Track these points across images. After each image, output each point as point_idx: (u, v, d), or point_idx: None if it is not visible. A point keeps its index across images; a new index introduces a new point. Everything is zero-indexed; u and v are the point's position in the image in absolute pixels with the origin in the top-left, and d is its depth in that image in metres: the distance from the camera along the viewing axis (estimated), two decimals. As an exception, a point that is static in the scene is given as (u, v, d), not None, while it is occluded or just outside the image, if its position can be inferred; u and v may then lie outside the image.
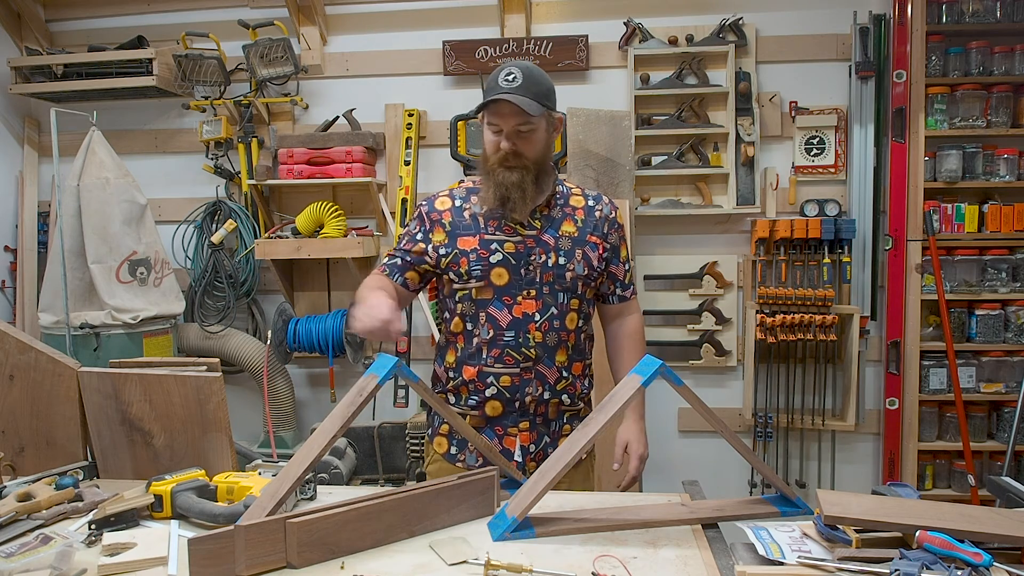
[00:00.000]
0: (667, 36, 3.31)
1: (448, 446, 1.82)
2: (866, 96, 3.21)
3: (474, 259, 1.71)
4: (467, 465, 1.78)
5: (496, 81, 1.65)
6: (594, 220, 1.78)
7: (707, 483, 1.72)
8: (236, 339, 3.45)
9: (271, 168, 3.41)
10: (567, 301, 1.73)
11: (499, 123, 1.67)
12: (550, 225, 1.74)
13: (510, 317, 1.71)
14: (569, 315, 1.74)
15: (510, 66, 1.66)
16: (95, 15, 3.71)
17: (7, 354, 1.70)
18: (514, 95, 1.62)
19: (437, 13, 3.48)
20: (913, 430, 3.19)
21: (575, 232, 1.75)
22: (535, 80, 1.66)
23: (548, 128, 1.73)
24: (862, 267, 3.25)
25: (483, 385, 1.73)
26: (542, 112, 1.67)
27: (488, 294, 1.72)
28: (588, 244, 1.75)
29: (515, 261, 1.71)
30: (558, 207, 1.77)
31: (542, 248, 1.72)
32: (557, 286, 1.72)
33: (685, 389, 1.40)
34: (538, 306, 1.71)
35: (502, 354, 1.71)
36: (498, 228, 1.73)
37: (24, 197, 3.74)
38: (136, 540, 1.31)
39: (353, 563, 1.24)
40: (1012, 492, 1.52)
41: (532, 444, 1.75)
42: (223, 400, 1.65)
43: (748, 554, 1.27)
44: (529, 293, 1.71)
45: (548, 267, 1.72)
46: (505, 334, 1.71)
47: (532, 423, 1.75)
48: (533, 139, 1.69)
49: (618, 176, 3.10)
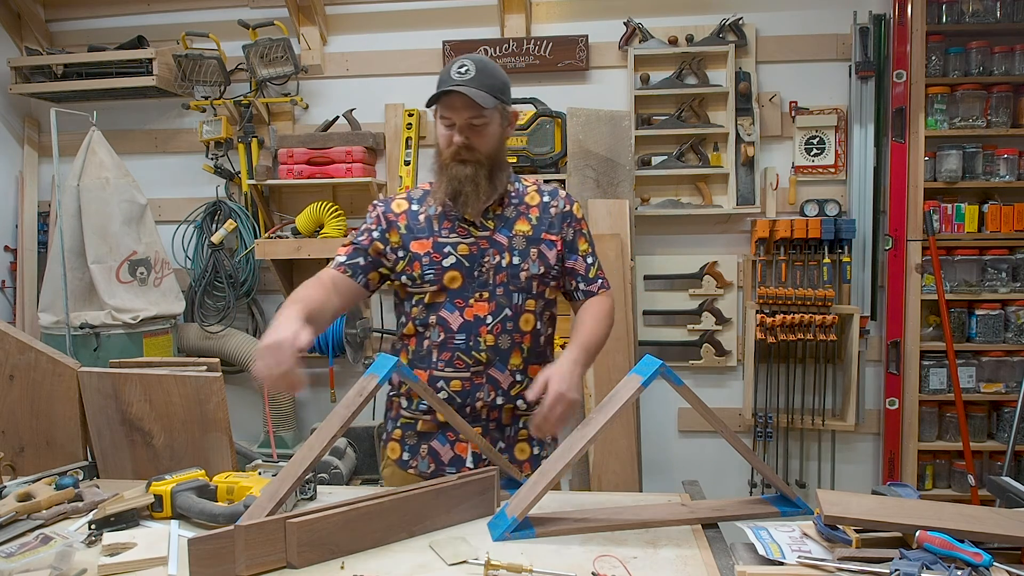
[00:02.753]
0: (667, 36, 3.31)
1: (400, 452, 1.77)
2: (866, 96, 3.21)
3: (427, 263, 1.67)
4: (419, 472, 1.73)
5: (449, 74, 1.61)
6: (549, 217, 1.73)
7: (707, 483, 1.72)
8: (236, 339, 3.45)
9: (271, 168, 3.41)
10: (522, 302, 1.68)
11: (451, 116, 1.62)
12: (503, 224, 1.70)
13: (461, 320, 1.66)
14: (524, 316, 1.69)
15: (463, 59, 1.62)
16: (95, 15, 3.71)
17: (7, 354, 1.70)
18: (466, 87, 1.57)
19: (437, 13, 3.48)
20: (913, 430, 3.19)
21: (529, 231, 1.70)
22: (489, 73, 1.62)
23: (502, 122, 1.68)
24: (862, 267, 3.25)
25: (434, 390, 1.68)
26: (495, 105, 1.62)
27: (441, 297, 1.67)
28: (544, 242, 1.70)
29: (468, 263, 1.67)
30: (512, 206, 1.72)
31: (495, 249, 1.68)
32: (511, 287, 1.67)
33: (685, 389, 1.40)
34: (490, 308, 1.66)
35: (452, 358, 1.66)
36: (452, 230, 1.68)
37: (24, 197, 3.74)
38: (136, 540, 1.31)
39: (353, 563, 1.24)
40: (1012, 492, 1.52)
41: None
42: (223, 400, 1.65)
43: (748, 554, 1.27)
44: (481, 295, 1.66)
45: (502, 268, 1.67)
46: (456, 337, 1.66)
47: (485, 429, 1.70)
48: (486, 132, 1.64)
49: (618, 176, 3.10)
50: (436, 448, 1.72)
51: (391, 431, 1.80)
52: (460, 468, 1.68)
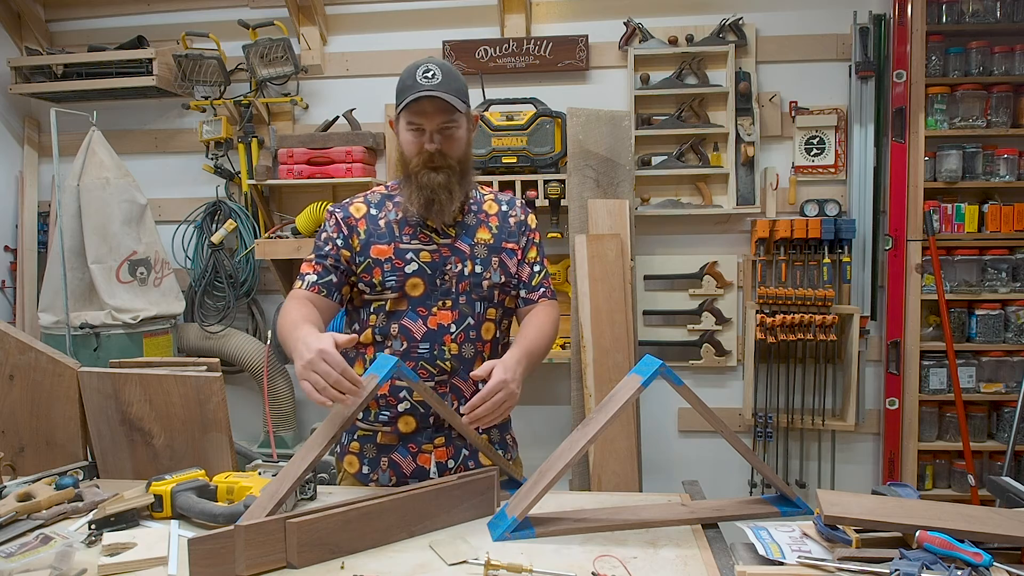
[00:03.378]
0: (667, 36, 3.31)
1: (359, 465, 1.71)
2: (866, 96, 3.21)
3: (388, 269, 1.63)
4: (379, 484, 1.68)
5: (414, 79, 1.56)
6: (508, 227, 1.71)
7: (707, 483, 1.72)
8: (236, 339, 3.45)
9: (271, 168, 3.41)
10: (483, 311, 1.66)
11: (421, 122, 1.58)
12: (464, 232, 1.67)
13: (425, 328, 1.62)
14: (485, 325, 1.67)
15: (427, 63, 1.58)
16: (95, 15, 3.71)
17: (7, 354, 1.70)
18: (438, 91, 1.54)
19: (437, 13, 3.48)
20: (913, 430, 3.19)
21: (490, 239, 1.68)
22: (454, 77, 1.59)
23: (468, 126, 1.65)
24: (862, 267, 3.25)
25: (395, 400, 1.64)
26: (465, 109, 1.61)
27: (403, 305, 1.63)
28: (504, 251, 1.69)
29: (431, 271, 1.63)
30: (472, 213, 1.70)
31: (457, 256, 1.65)
32: (474, 295, 1.65)
33: (685, 389, 1.40)
34: (454, 316, 1.63)
35: (416, 367, 1.62)
36: (413, 236, 1.65)
37: (24, 197, 3.74)
38: (136, 540, 1.31)
39: (353, 563, 1.24)
40: (1012, 492, 1.52)
41: (450, 459, 1.67)
42: (223, 400, 1.65)
43: (748, 554, 1.27)
44: (445, 303, 1.63)
45: (464, 276, 1.65)
46: (420, 346, 1.62)
47: (448, 438, 1.67)
48: (456, 137, 1.61)
49: (618, 176, 3.10)
50: (397, 460, 1.67)
51: (347, 444, 1.73)
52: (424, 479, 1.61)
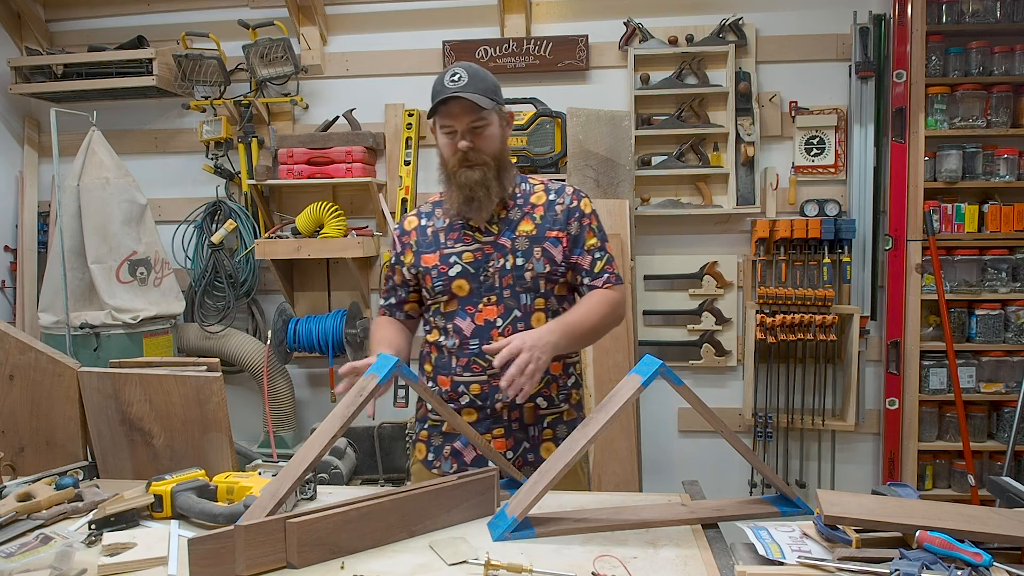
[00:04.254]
0: (667, 36, 3.31)
1: (426, 452, 1.81)
2: (866, 96, 3.21)
3: (435, 275, 1.72)
4: (441, 472, 1.76)
5: (442, 84, 1.65)
6: (554, 215, 1.74)
7: (707, 483, 1.72)
8: (236, 339, 3.45)
9: (271, 168, 3.41)
10: (530, 302, 1.70)
11: (452, 123, 1.66)
12: (507, 227, 1.73)
13: (473, 325, 1.70)
14: (535, 315, 1.71)
15: (453, 67, 1.66)
16: (95, 15, 3.71)
17: (7, 354, 1.70)
18: (462, 92, 1.61)
19: (437, 13, 3.48)
20: (913, 430, 3.19)
21: (533, 230, 1.72)
22: (480, 77, 1.66)
23: (501, 123, 1.72)
24: (862, 267, 3.25)
25: (456, 395, 1.73)
26: (492, 106, 1.66)
27: (453, 306, 1.72)
28: (548, 240, 1.72)
29: (474, 270, 1.71)
30: (516, 207, 1.75)
31: (499, 252, 1.71)
32: (518, 288, 1.70)
33: (685, 389, 1.40)
34: (500, 311, 1.69)
35: (469, 362, 1.70)
36: (457, 240, 1.73)
37: (24, 197, 3.74)
38: (136, 540, 1.31)
39: (353, 563, 1.24)
40: (1012, 492, 1.52)
41: (509, 451, 1.72)
42: (223, 400, 1.65)
43: (748, 554, 1.27)
44: (490, 299, 1.70)
45: (506, 270, 1.70)
46: (470, 343, 1.70)
47: (507, 429, 1.72)
48: (488, 134, 1.68)
49: (618, 176, 3.10)
50: (459, 449, 1.75)
51: (418, 432, 1.85)
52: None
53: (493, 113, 1.67)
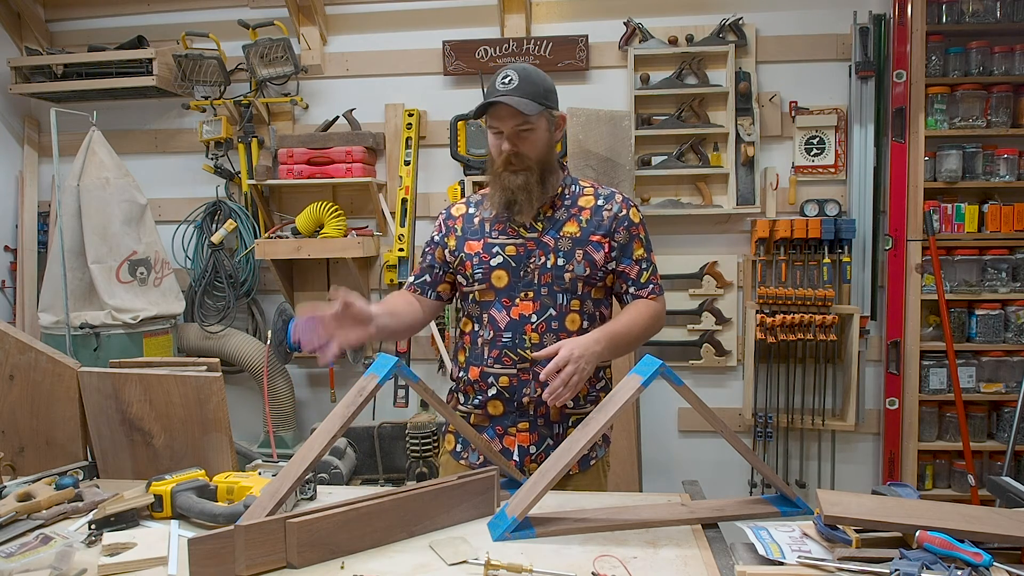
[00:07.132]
0: (667, 36, 3.31)
1: (455, 443, 1.86)
2: (866, 96, 3.21)
3: (476, 262, 1.75)
4: (469, 463, 1.80)
5: (494, 85, 1.69)
6: (600, 219, 1.76)
7: (707, 483, 1.72)
8: (236, 339, 3.45)
9: (271, 168, 3.41)
10: (567, 302, 1.73)
11: (499, 125, 1.69)
12: (552, 227, 1.75)
13: (508, 318, 1.73)
14: (570, 316, 1.73)
15: (508, 69, 1.70)
16: (95, 15, 3.71)
17: (7, 354, 1.70)
18: (510, 96, 1.64)
19: (437, 13, 3.48)
20: (913, 430, 3.19)
21: (577, 232, 1.74)
22: (532, 81, 1.68)
23: (549, 127, 1.74)
24: (862, 267, 3.25)
25: (485, 385, 1.75)
26: (539, 111, 1.68)
27: (490, 296, 1.75)
28: (591, 244, 1.74)
29: (515, 264, 1.73)
30: (564, 208, 1.77)
31: (542, 250, 1.73)
32: (556, 287, 1.72)
33: (685, 389, 1.40)
34: (535, 307, 1.72)
35: (501, 355, 1.73)
36: (502, 232, 1.76)
37: (24, 197, 3.74)
38: (136, 540, 1.31)
39: (353, 563, 1.24)
40: (1012, 492, 1.52)
41: (532, 446, 1.75)
42: (223, 400, 1.65)
43: (748, 554, 1.27)
44: (527, 295, 1.72)
45: (547, 268, 1.72)
46: (503, 335, 1.73)
47: (532, 424, 1.75)
48: (533, 139, 1.70)
49: (618, 176, 3.10)
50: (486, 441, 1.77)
51: (447, 424, 1.90)
52: (509, 460, 1.73)
53: (541, 118, 1.70)
